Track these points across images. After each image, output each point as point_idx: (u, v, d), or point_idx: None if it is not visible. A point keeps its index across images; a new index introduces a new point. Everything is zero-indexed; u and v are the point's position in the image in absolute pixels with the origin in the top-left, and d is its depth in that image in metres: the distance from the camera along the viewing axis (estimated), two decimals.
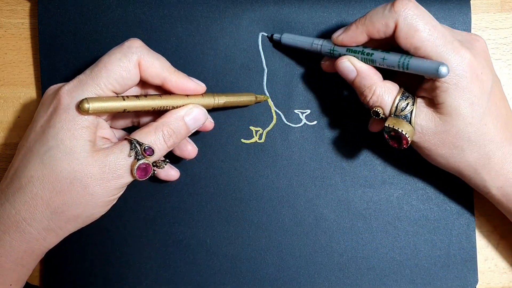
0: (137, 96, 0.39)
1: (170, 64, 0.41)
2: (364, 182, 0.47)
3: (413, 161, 0.47)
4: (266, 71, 0.47)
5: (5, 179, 0.39)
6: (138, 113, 0.44)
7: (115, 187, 0.38)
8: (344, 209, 0.47)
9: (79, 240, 0.46)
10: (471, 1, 0.47)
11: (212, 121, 0.44)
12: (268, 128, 0.47)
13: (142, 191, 0.47)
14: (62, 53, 0.46)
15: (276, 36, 0.46)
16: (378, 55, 0.40)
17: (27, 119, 0.48)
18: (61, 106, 0.37)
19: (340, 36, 0.42)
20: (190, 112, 0.41)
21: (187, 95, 0.41)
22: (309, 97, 0.47)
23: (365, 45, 0.41)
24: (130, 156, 0.38)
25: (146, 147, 0.38)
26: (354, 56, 0.41)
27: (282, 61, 0.47)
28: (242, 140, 0.47)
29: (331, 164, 0.47)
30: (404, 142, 0.40)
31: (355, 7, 0.46)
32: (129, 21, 0.46)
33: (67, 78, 0.45)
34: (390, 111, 0.40)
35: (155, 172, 0.40)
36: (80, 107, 0.36)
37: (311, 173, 0.47)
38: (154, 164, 0.39)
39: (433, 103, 0.40)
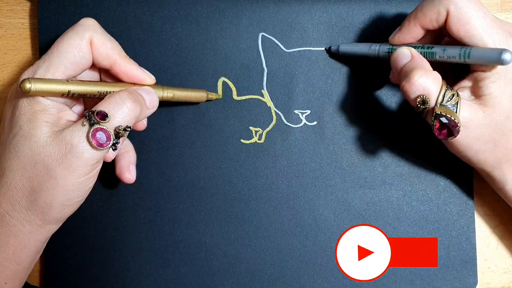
0: (82, 81, 0.39)
1: (122, 49, 0.40)
2: (364, 183, 0.47)
3: (413, 162, 0.47)
4: (266, 71, 0.47)
5: None
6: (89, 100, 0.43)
7: (78, 164, 0.36)
8: (344, 209, 0.47)
9: (79, 240, 0.46)
10: None
11: (145, 123, 0.43)
12: (268, 129, 0.47)
13: (142, 191, 0.47)
14: None
15: (333, 48, 0.46)
16: (438, 47, 0.40)
17: None
18: (19, 94, 0.37)
19: (396, 36, 0.42)
20: (141, 88, 0.40)
21: (135, 84, 0.41)
22: (309, 97, 0.47)
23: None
24: (84, 125, 0.36)
25: (97, 111, 0.36)
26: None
27: (282, 61, 0.47)
28: (242, 140, 0.47)
29: (331, 165, 0.47)
30: (456, 131, 0.38)
31: (355, 7, 0.46)
32: (129, 21, 0.46)
33: None
34: (436, 101, 0.39)
35: (118, 141, 0.37)
36: (21, 87, 0.35)
37: (311, 174, 0.47)
38: (115, 132, 0.37)
39: (477, 95, 0.40)
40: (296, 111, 0.47)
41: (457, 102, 0.39)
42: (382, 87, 0.47)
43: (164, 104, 0.44)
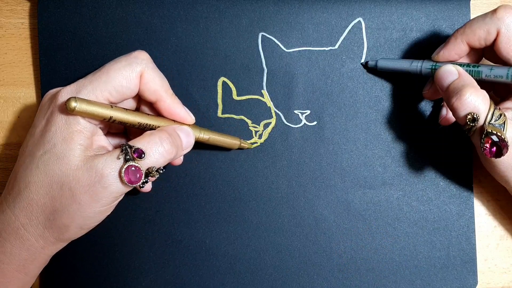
0: (126, 109, 0.39)
1: (169, 86, 0.40)
2: (364, 183, 0.47)
3: (413, 162, 0.47)
4: (266, 71, 0.47)
5: (7, 185, 0.39)
6: (125, 128, 0.43)
7: (104, 195, 0.36)
8: (344, 210, 0.47)
9: (78, 240, 0.46)
10: (471, 1, 0.47)
11: (182, 159, 0.44)
12: (268, 129, 0.47)
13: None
14: (62, 53, 0.46)
15: (371, 63, 0.46)
16: (484, 66, 0.40)
17: (27, 119, 0.48)
18: (57, 109, 0.37)
19: (441, 52, 0.42)
20: (181, 127, 0.41)
21: (175, 121, 0.41)
22: (309, 97, 0.47)
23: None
24: (119, 159, 0.36)
25: (135, 148, 0.37)
26: None
27: (282, 61, 0.47)
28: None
29: (331, 165, 0.47)
30: (505, 150, 0.39)
31: (354, 8, 0.46)
32: (129, 21, 0.46)
33: (67, 78, 0.46)
34: (485, 120, 0.39)
35: (147, 180, 0.37)
36: (66, 105, 0.35)
37: (310, 174, 0.47)
38: (147, 171, 0.37)
39: None
40: (296, 111, 0.47)
41: (504, 121, 0.39)
42: (382, 87, 0.47)
43: None
